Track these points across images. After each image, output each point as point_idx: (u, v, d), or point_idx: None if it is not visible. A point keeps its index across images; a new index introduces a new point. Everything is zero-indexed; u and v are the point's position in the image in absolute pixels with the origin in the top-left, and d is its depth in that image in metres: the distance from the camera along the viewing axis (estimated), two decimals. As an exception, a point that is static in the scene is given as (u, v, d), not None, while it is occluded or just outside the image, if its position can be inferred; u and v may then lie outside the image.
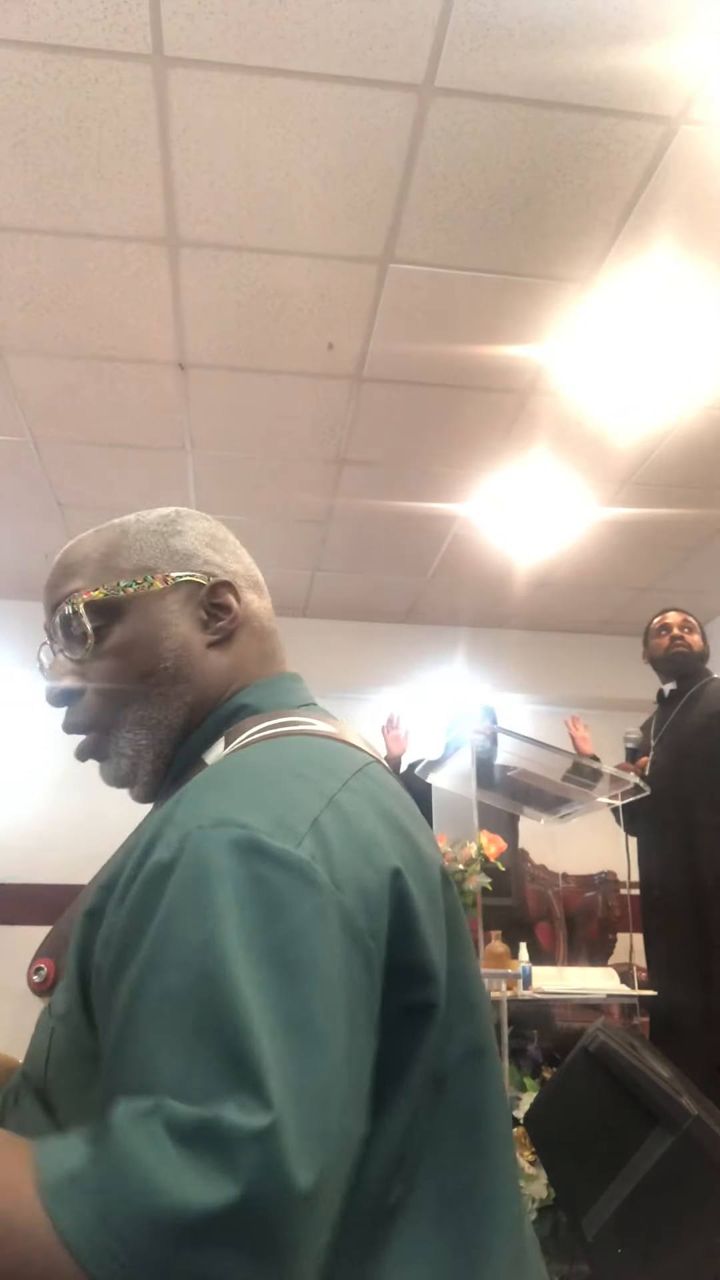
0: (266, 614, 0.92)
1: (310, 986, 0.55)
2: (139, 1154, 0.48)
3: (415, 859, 0.67)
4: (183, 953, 0.55)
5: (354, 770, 0.71)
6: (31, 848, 4.40)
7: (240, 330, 2.70)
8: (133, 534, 0.87)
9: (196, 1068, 0.51)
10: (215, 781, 0.69)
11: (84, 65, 1.91)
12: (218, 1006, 0.52)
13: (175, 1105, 0.50)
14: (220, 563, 0.88)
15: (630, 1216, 1.67)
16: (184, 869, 0.58)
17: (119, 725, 0.83)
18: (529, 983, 2.61)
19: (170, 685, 0.82)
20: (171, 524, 0.89)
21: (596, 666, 4.98)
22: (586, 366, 2.82)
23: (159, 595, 0.84)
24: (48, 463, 3.46)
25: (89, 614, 0.82)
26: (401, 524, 3.90)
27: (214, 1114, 0.49)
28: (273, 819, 0.61)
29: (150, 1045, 0.53)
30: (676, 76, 1.92)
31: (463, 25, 1.83)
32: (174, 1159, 0.48)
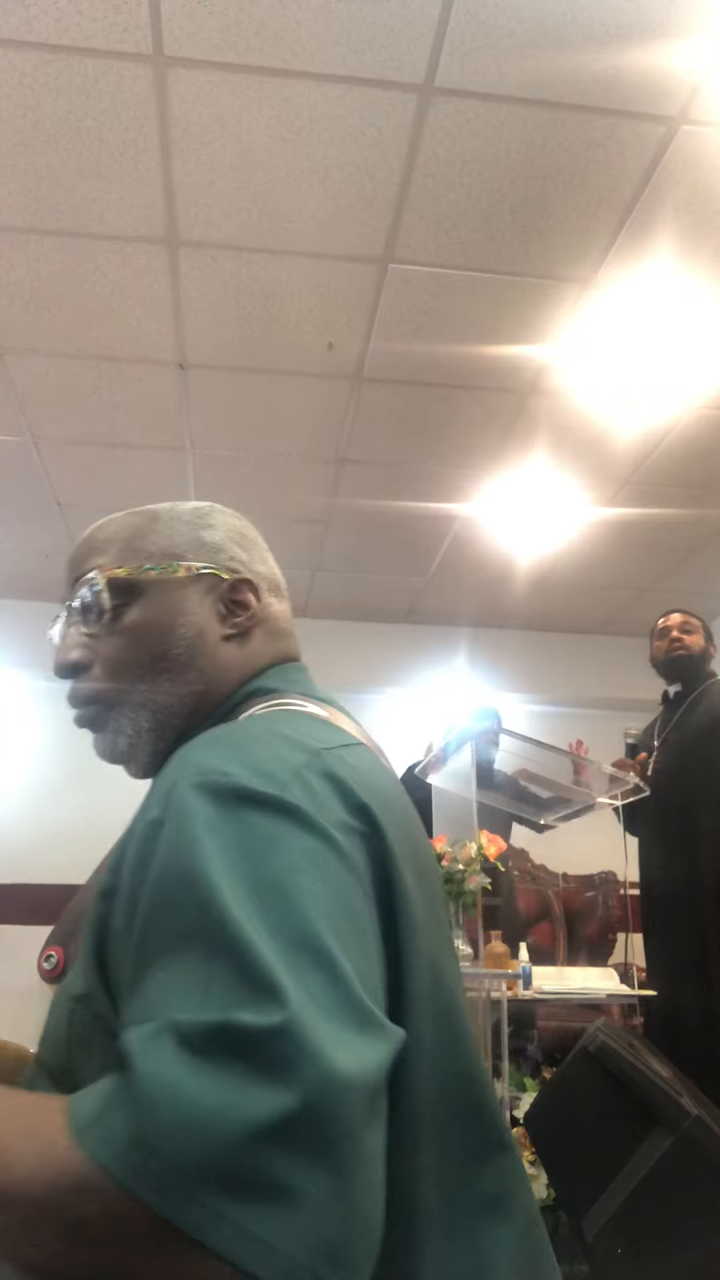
0: (285, 618, 0.92)
1: (310, 912, 0.55)
2: (158, 1070, 0.48)
3: (392, 820, 0.67)
4: (179, 895, 0.56)
5: (340, 743, 0.71)
6: (31, 848, 4.40)
7: (240, 330, 2.70)
8: (164, 519, 0.88)
9: (210, 989, 0.51)
10: (200, 743, 0.70)
11: (84, 65, 1.91)
12: (222, 935, 0.53)
13: (183, 1018, 0.50)
14: (246, 561, 0.89)
15: (630, 1216, 1.67)
16: (172, 821, 0.59)
17: (123, 703, 0.83)
18: (529, 983, 2.61)
19: (180, 672, 0.83)
20: (204, 516, 0.90)
21: (596, 666, 4.98)
22: (586, 366, 2.82)
23: (181, 583, 0.84)
24: (48, 463, 3.46)
25: (110, 590, 0.83)
26: (401, 524, 3.90)
27: (226, 1018, 0.49)
28: (256, 769, 0.62)
29: (160, 982, 0.53)
30: (676, 76, 1.92)
31: (463, 25, 1.83)
32: (194, 1067, 0.48)
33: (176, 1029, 0.49)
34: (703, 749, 2.95)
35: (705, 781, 2.91)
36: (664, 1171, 1.69)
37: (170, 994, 0.52)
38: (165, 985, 0.53)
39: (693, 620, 3.20)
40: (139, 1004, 0.54)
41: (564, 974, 2.79)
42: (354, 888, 0.59)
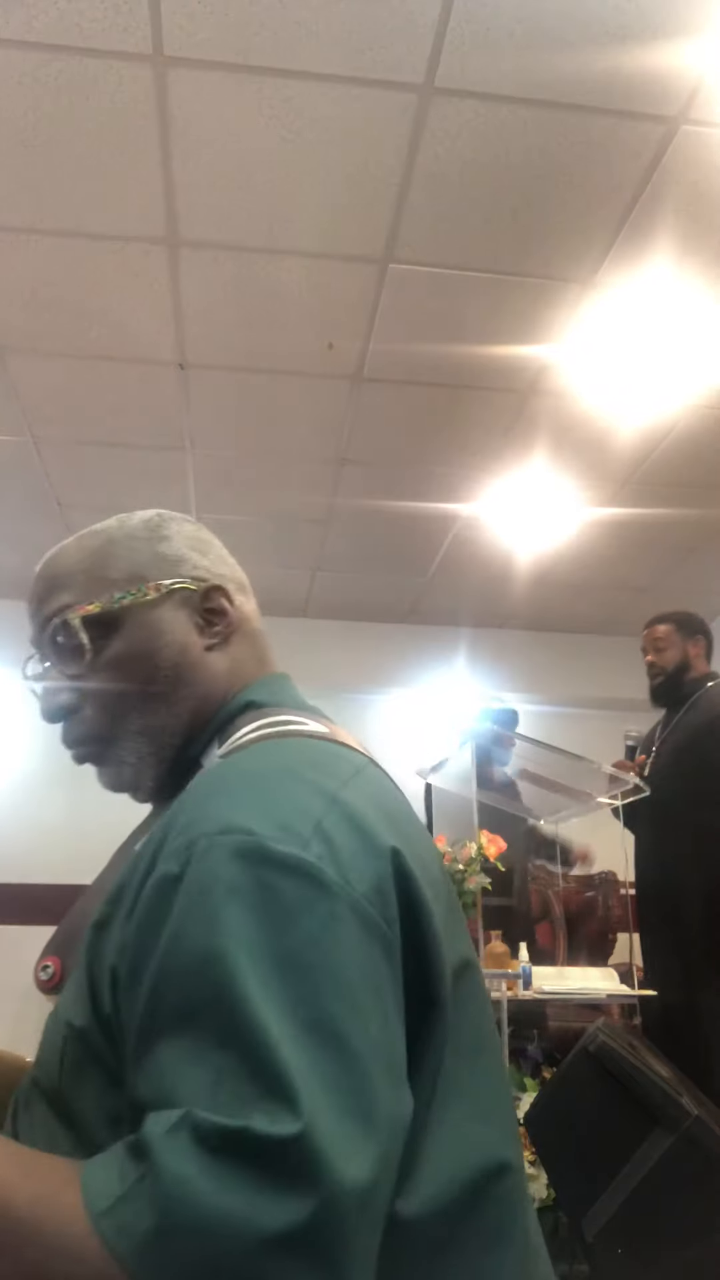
0: (256, 616, 0.92)
1: (328, 989, 0.55)
2: (178, 1170, 0.49)
3: (411, 846, 0.67)
4: (195, 964, 0.55)
5: (352, 772, 0.71)
6: (31, 848, 4.40)
7: (240, 330, 2.70)
8: (119, 541, 0.86)
9: (222, 1079, 0.51)
10: (216, 787, 0.69)
11: (84, 65, 1.91)
12: (235, 1017, 0.53)
13: (202, 1116, 0.50)
14: (209, 566, 0.88)
15: (630, 1216, 1.67)
16: (191, 880, 0.59)
17: (121, 735, 0.82)
18: (529, 983, 2.61)
19: (171, 693, 0.82)
20: (157, 529, 0.87)
21: (596, 666, 4.98)
22: (587, 367, 2.82)
23: (153, 604, 0.83)
24: (48, 463, 3.46)
25: (85, 629, 0.81)
26: (401, 524, 3.90)
27: (242, 1125, 0.49)
28: (277, 823, 0.61)
29: (171, 1059, 0.54)
30: (676, 76, 1.92)
31: (463, 25, 1.82)
32: (211, 1170, 0.49)
33: (195, 1128, 0.50)
34: (698, 749, 2.95)
35: (700, 781, 2.90)
36: (664, 1171, 1.69)
37: (182, 1078, 0.53)
38: (177, 1066, 0.53)
39: (658, 630, 3.09)
40: (149, 1078, 0.55)
41: (564, 974, 2.79)
42: (374, 950, 0.59)
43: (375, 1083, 0.54)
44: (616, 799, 2.92)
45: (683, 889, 2.84)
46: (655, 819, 2.98)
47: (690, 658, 3.06)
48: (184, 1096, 0.52)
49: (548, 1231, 2.26)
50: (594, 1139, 1.90)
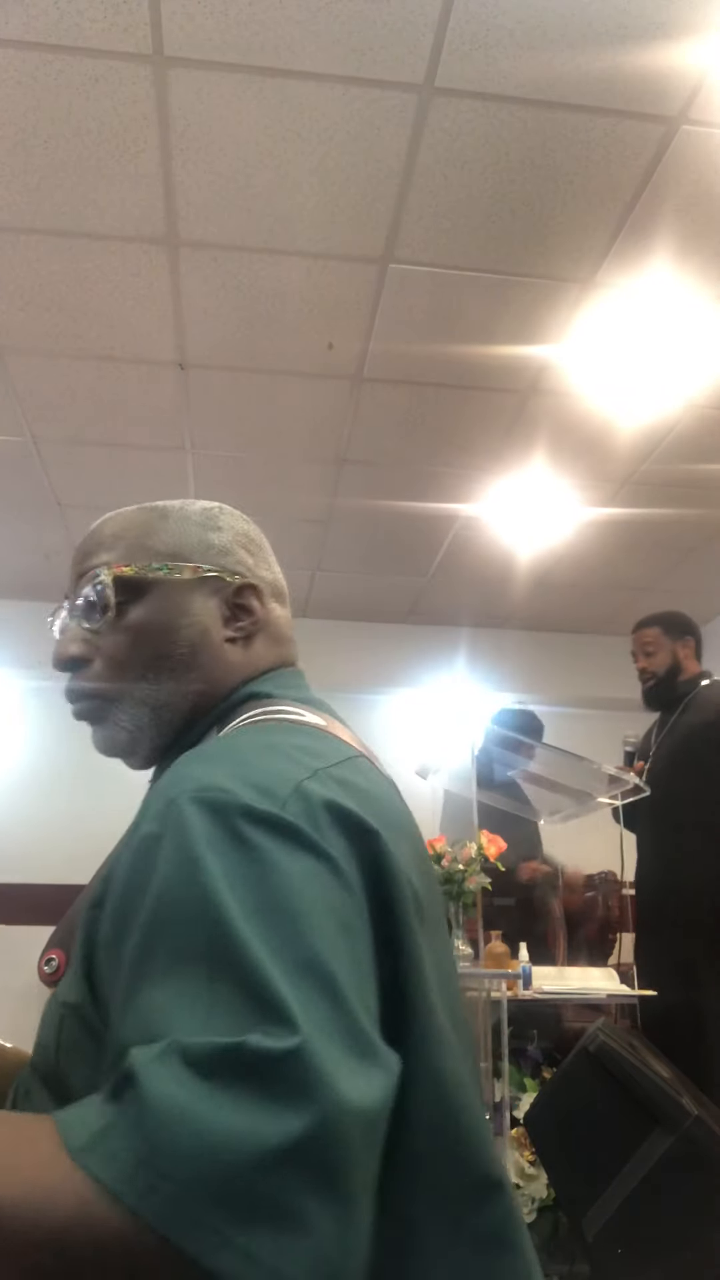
0: (285, 623, 0.92)
1: (312, 933, 0.55)
2: (164, 1090, 0.47)
3: (391, 832, 0.67)
4: (184, 911, 0.55)
5: (339, 758, 0.71)
6: (31, 848, 4.40)
7: (240, 330, 2.70)
8: (174, 519, 0.88)
9: (216, 1011, 0.50)
10: (197, 756, 0.70)
11: (84, 65, 1.91)
12: (227, 955, 0.52)
13: (192, 1040, 0.49)
14: (251, 566, 0.89)
15: (630, 1217, 1.67)
16: (172, 836, 0.59)
17: (123, 699, 0.83)
18: (529, 983, 2.61)
19: (182, 671, 0.83)
20: (213, 519, 0.90)
21: (596, 666, 4.98)
22: (587, 367, 2.82)
23: (187, 584, 0.85)
24: (48, 463, 3.46)
25: (116, 587, 0.83)
26: (401, 524, 3.90)
27: (236, 1040, 0.48)
28: (254, 786, 0.61)
29: (161, 1000, 0.53)
30: (676, 76, 1.92)
31: (463, 25, 1.83)
32: (204, 1089, 0.47)
33: (184, 1050, 0.49)
34: (695, 751, 2.94)
35: (697, 782, 2.90)
36: (664, 1171, 1.69)
37: (172, 1012, 0.51)
38: (166, 1002, 0.52)
39: (645, 634, 3.07)
40: (136, 1019, 0.53)
41: (564, 974, 2.79)
42: (350, 907, 0.59)
43: (365, 1024, 0.54)
44: (616, 799, 2.92)
45: (682, 890, 2.84)
46: (654, 820, 2.98)
47: (680, 659, 3.05)
48: (174, 1028, 0.50)
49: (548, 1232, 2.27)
50: (594, 1139, 1.90)
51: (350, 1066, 0.50)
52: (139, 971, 0.55)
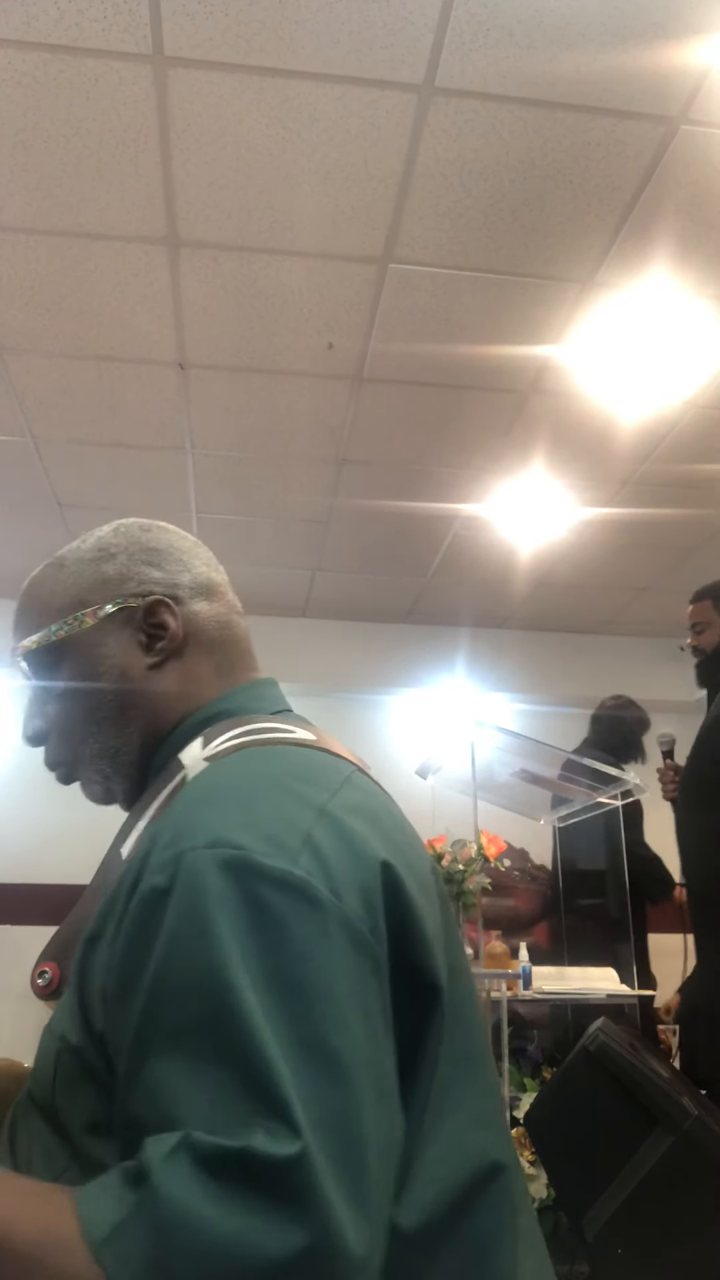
0: (218, 621, 0.88)
1: (321, 1006, 0.55)
2: (177, 1196, 0.49)
3: (402, 855, 0.67)
4: (190, 980, 0.55)
5: (340, 781, 0.70)
6: (31, 848, 4.40)
7: (240, 330, 2.70)
8: (69, 566, 0.87)
9: (219, 1097, 0.51)
10: (202, 798, 0.68)
11: (84, 65, 1.91)
12: (232, 1034, 0.52)
13: (201, 1138, 0.50)
14: (160, 578, 0.86)
15: (630, 1217, 1.67)
16: (181, 894, 0.58)
17: (82, 759, 0.85)
18: (529, 983, 2.61)
19: (118, 715, 0.83)
20: (105, 548, 0.87)
21: (596, 666, 4.98)
22: (587, 366, 2.82)
23: (93, 630, 0.83)
24: (48, 463, 3.46)
25: (33, 664, 0.85)
26: (401, 524, 3.90)
27: (243, 1146, 0.49)
28: (266, 837, 0.60)
29: (167, 1075, 0.53)
30: (676, 76, 1.92)
31: (463, 25, 1.83)
32: (212, 1193, 0.48)
33: (193, 1148, 0.50)
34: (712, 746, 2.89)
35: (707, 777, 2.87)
36: (664, 1171, 1.69)
37: (178, 1093, 0.52)
38: (174, 1084, 0.53)
39: (694, 609, 2.96)
40: (143, 1093, 0.54)
41: (564, 974, 2.79)
42: (363, 966, 0.59)
43: (365, 1103, 0.54)
44: (616, 799, 2.91)
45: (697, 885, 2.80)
46: (680, 815, 2.90)
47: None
48: (181, 1116, 0.51)
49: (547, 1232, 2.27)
50: (594, 1139, 1.90)
51: (348, 1188, 0.50)
52: (144, 1039, 0.56)
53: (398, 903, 0.63)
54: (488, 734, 2.83)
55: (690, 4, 1.78)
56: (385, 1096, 0.57)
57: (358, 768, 0.77)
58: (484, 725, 2.78)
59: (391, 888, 0.63)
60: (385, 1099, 0.57)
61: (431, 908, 0.68)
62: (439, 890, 0.72)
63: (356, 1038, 0.55)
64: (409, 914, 0.63)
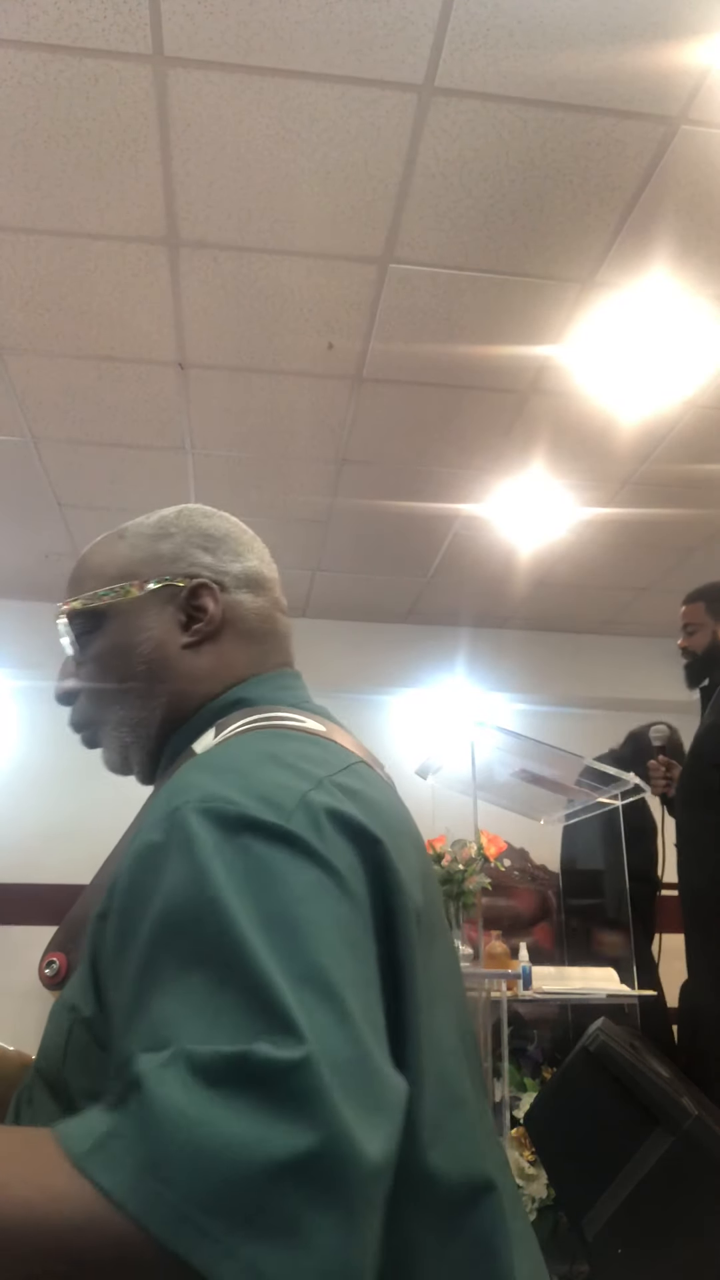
0: (260, 614, 0.90)
1: (318, 945, 0.54)
2: (172, 1098, 0.47)
3: (395, 840, 0.67)
4: (190, 920, 0.55)
5: (341, 766, 0.71)
6: (31, 848, 4.40)
7: (240, 330, 2.70)
8: (129, 538, 0.90)
9: (221, 1019, 0.50)
10: (201, 766, 0.70)
11: (84, 65, 1.91)
12: (235, 964, 0.52)
13: (197, 1048, 0.48)
14: (210, 563, 0.88)
15: (630, 1217, 1.67)
16: (177, 845, 0.59)
17: (105, 724, 0.87)
18: (529, 983, 2.61)
19: (147, 687, 0.85)
20: (165, 526, 0.90)
21: (596, 666, 4.98)
22: (587, 367, 2.82)
23: (140, 601, 0.86)
24: (48, 463, 3.46)
25: (73, 624, 0.87)
26: (401, 524, 3.90)
27: (243, 1049, 0.48)
28: (260, 797, 0.61)
29: (168, 1009, 0.52)
30: (676, 76, 1.92)
31: (463, 25, 1.83)
32: (209, 1097, 0.47)
33: (190, 1057, 0.48)
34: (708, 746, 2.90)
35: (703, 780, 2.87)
36: (664, 1171, 1.69)
37: (179, 1019, 0.51)
38: (173, 1010, 0.52)
39: (694, 610, 2.99)
40: (143, 1026, 0.53)
41: (564, 974, 2.79)
42: (355, 920, 0.59)
43: (367, 1035, 0.53)
44: (616, 799, 2.92)
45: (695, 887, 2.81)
46: (688, 804, 2.90)
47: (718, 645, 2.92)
48: (181, 1035, 0.50)
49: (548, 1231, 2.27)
50: (594, 1139, 1.90)
51: (357, 1100, 0.49)
52: (146, 979, 0.55)
53: (384, 881, 0.63)
54: (488, 734, 2.83)
55: (690, 4, 1.78)
56: (379, 1042, 0.56)
57: (365, 762, 0.77)
58: (484, 725, 2.78)
59: (380, 865, 0.63)
60: (379, 1044, 0.56)
61: (419, 899, 0.67)
62: (429, 893, 0.72)
63: (353, 977, 0.55)
64: (393, 894, 0.63)
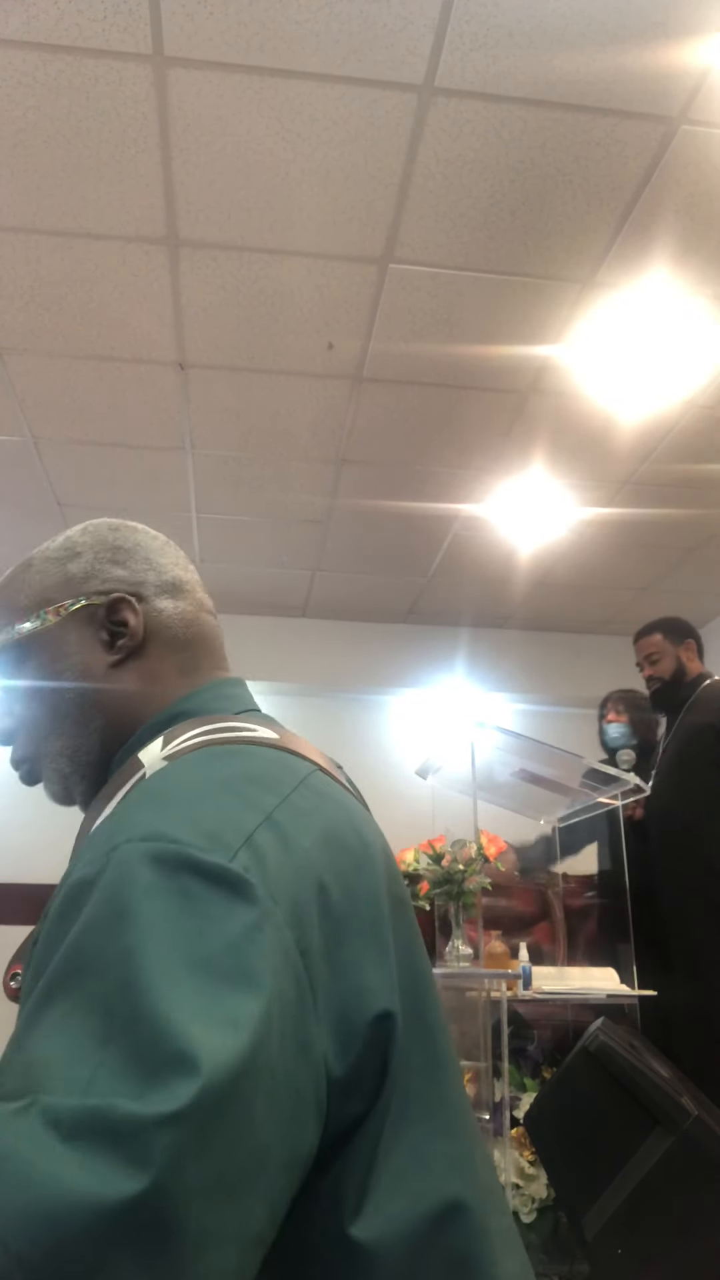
0: (184, 619, 0.87)
1: (242, 993, 0.51)
2: (16, 1148, 0.43)
3: (351, 865, 0.65)
4: (98, 963, 0.51)
5: (295, 783, 0.68)
6: (30, 848, 4.40)
7: (240, 330, 2.70)
8: (35, 566, 0.88)
9: (101, 1074, 0.46)
10: (148, 798, 0.66)
11: (84, 65, 1.91)
12: (130, 1018, 0.48)
13: (55, 1099, 0.45)
14: (123, 576, 0.86)
15: (630, 1216, 1.67)
16: (106, 884, 0.55)
17: (43, 756, 0.85)
18: (529, 983, 2.61)
19: (79, 713, 0.83)
20: (71, 547, 0.88)
21: (596, 666, 4.98)
22: (587, 367, 2.82)
23: (59, 627, 0.84)
24: (48, 463, 3.46)
25: (0, 664, 0.85)
26: (401, 524, 3.90)
27: (105, 1102, 0.44)
28: (205, 834, 0.58)
29: (48, 1049, 0.49)
30: (676, 76, 1.92)
31: (463, 25, 1.83)
32: (59, 1152, 0.43)
33: (47, 1109, 0.45)
34: (701, 749, 2.95)
35: (699, 780, 2.91)
36: (664, 1171, 1.69)
37: (56, 1063, 0.47)
38: (53, 1052, 0.48)
39: (648, 642, 3.16)
40: (18, 1061, 0.49)
41: (564, 974, 2.78)
42: (286, 972, 0.55)
43: (260, 1096, 0.50)
44: (616, 799, 2.92)
45: (692, 891, 2.84)
46: (662, 820, 2.99)
47: (683, 662, 3.14)
48: (51, 1086, 0.46)
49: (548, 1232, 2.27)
50: (594, 1139, 1.90)
51: (219, 1143, 0.46)
52: (37, 1016, 0.51)
53: (332, 921, 0.60)
54: (488, 734, 2.83)
55: (690, 4, 1.78)
56: (284, 1103, 0.52)
57: (320, 768, 0.75)
58: (484, 725, 2.77)
59: (325, 906, 0.60)
60: (290, 1104, 0.53)
61: (376, 920, 0.65)
62: (394, 894, 0.70)
63: (270, 1031, 0.51)
64: (344, 931, 0.61)
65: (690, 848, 2.88)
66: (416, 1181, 0.60)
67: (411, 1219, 0.58)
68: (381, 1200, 0.57)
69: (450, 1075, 0.69)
